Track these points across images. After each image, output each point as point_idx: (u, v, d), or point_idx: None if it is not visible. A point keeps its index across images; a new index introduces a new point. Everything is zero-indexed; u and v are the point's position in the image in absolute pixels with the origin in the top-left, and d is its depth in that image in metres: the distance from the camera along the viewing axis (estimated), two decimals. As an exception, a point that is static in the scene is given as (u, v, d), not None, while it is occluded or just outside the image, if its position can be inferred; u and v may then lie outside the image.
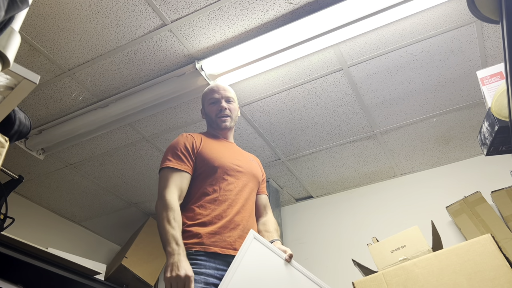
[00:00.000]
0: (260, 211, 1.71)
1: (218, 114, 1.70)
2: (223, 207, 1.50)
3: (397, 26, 1.95)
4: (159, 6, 1.81)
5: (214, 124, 1.72)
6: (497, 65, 1.39)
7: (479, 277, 1.38)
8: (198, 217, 1.47)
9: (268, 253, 1.42)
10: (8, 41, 0.81)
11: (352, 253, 2.56)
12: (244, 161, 1.68)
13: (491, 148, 1.29)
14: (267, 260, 1.41)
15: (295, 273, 1.45)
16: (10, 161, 2.66)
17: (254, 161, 1.76)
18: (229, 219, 1.48)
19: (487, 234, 1.46)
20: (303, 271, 1.47)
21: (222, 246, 1.42)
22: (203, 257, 1.38)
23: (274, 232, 1.62)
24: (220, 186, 1.54)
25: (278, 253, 1.44)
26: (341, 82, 2.24)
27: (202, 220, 1.46)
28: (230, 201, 1.52)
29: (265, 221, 1.67)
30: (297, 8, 1.85)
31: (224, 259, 1.41)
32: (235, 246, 1.44)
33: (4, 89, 0.92)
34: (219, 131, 1.72)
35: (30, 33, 1.88)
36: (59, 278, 2.07)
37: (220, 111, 1.69)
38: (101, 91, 2.23)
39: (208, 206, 1.50)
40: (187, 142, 1.59)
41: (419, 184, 2.85)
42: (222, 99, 1.72)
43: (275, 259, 1.43)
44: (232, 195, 1.54)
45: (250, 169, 1.67)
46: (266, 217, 1.69)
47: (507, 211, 2.26)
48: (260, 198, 1.73)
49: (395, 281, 1.55)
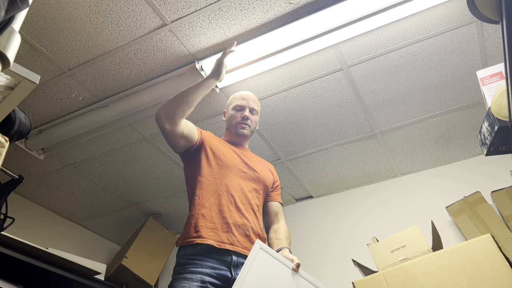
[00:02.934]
0: (271, 219, 1.72)
1: (239, 121, 1.75)
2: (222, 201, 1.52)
3: (397, 26, 1.95)
4: (159, 6, 1.81)
5: (232, 128, 1.78)
6: (497, 65, 1.40)
7: (479, 277, 1.38)
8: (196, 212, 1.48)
9: (275, 263, 1.41)
10: (8, 41, 0.81)
11: (352, 253, 2.56)
12: (252, 165, 1.72)
13: (491, 148, 1.29)
14: (273, 270, 1.40)
15: (302, 283, 1.44)
16: (10, 161, 2.66)
17: (265, 166, 1.79)
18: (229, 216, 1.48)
19: (487, 234, 1.46)
20: (311, 280, 1.46)
21: (219, 240, 1.43)
22: (200, 256, 1.39)
23: (284, 240, 1.62)
24: (222, 183, 1.56)
25: (285, 262, 1.43)
26: (341, 82, 2.24)
27: (202, 212, 1.47)
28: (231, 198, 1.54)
29: (276, 229, 1.68)
30: (297, 8, 1.85)
31: (221, 257, 1.41)
32: (232, 241, 1.44)
33: (4, 89, 0.92)
34: (236, 136, 1.75)
35: (30, 33, 1.88)
36: (59, 278, 2.07)
37: (242, 119, 1.75)
38: (101, 91, 2.23)
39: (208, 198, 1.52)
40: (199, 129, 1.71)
41: (419, 184, 2.85)
42: (247, 108, 1.78)
43: (282, 269, 1.41)
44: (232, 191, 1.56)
45: (258, 172, 1.71)
46: (277, 224, 1.70)
47: (507, 211, 2.26)
48: (272, 205, 1.75)
49: (395, 281, 1.55)
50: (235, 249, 1.44)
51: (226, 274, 1.40)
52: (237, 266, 1.43)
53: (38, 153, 2.56)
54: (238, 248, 1.45)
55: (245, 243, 1.49)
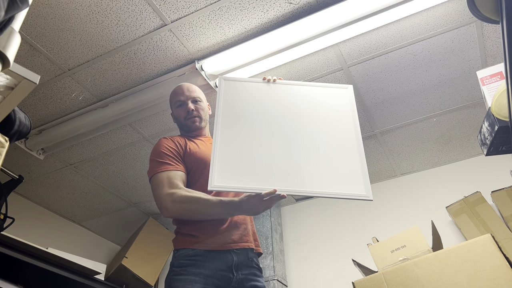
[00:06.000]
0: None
1: (186, 117, 1.62)
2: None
3: (397, 26, 1.95)
4: (159, 6, 1.81)
5: (185, 127, 1.64)
6: (497, 65, 1.39)
7: (479, 277, 1.38)
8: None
9: (245, 85, 1.40)
10: (8, 41, 0.81)
11: (352, 253, 2.56)
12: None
13: (491, 148, 1.28)
14: (246, 91, 1.39)
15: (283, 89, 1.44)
16: (10, 161, 2.66)
17: None
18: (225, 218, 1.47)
19: (487, 234, 1.46)
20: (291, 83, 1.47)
21: (221, 243, 1.42)
22: (202, 257, 1.38)
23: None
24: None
25: (257, 80, 1.44)
26: (341, 82, 2.24)
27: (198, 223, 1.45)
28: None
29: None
30: (297, 8, 1.85)
31: (224, 258, 1.40)
32: (234, 239, 1.43)
33: (4, 89, 0.92)
34: (191, 132, 1.65)
35: (30, 33, 1.88)
36: (59, 278, 2.07)
37: (187, 114, 1.61)
38: (101, 91, 2.23)
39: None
40: (174, 147, 1.51)
41: (419, 184, 2.85)
42: (188, 101, 1.63)
43: (255, 86, 1.41)
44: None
45: None
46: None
47: (507, 211, 2.26)
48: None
49: (395, 281, 1.55)
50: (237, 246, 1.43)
51: (228, 275, 1.40)
52: (238, 266, 1.42)
53: (38, 153, 2.56)
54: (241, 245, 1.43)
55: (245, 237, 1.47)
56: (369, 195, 1.24)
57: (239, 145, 1.32)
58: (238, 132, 1.34)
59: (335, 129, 1.38)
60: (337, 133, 1.37)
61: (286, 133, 1.36)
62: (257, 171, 1.26)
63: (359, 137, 1.40)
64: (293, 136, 1.36)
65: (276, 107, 1.42)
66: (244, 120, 1.37)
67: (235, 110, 1.38)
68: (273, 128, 1.37)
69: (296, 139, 1.35)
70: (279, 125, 1.38)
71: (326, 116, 1.41)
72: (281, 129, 1.37)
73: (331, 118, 1.41)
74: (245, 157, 1.29)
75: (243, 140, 1.33)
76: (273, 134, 1.36)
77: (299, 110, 1.42)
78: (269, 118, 1.39)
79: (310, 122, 1.40)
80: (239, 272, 1.40)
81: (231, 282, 1.38)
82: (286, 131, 1.37)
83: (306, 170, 1.27)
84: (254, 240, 1.51)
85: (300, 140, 1.35)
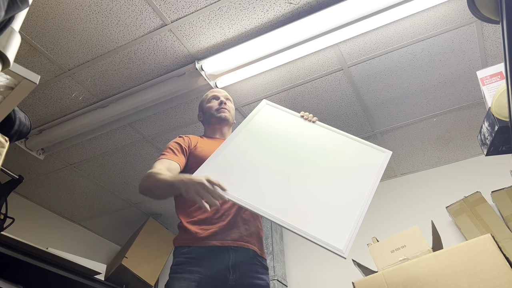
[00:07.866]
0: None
1: (218, 108, 1.72)
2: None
3: (397, 26, 1.95)
4: (159, 6, 1.81)
5: (213, 118, 1.70)
6: (497, 65, 1.39)
7: (479, 277, 1.38)
8: (194, 214, 1.47)
9: (282, 114, 1.38)
10: (8, 41, 0.81)
11: (352, 253, 2.55)
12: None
13: (491, 148, 1.28)
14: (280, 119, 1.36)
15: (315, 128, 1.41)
16: (10, 161, 2.66)
17: None
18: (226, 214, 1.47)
19: (487, 234, 1.46)
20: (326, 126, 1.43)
21: (218, 239, 1.41)
22: (198, 255, 1.38)
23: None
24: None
25: (294, 113, 1.42)
26: (341, 82, 2.24)
27: (199, 217, 1.46)
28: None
29: None
30: (297, 8, 1.85)
31: (220, 256, 1.39)
32: (233, 237, 1.43)
33: (4, 89, 0.92)
34: (217, 125, 1.70)
35: (30, 33, 1.88)
36: (59, 278, 2.07)
37: (220, 104, 1.72)
38: (101, 91, 2.23)
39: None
40: (180, 141, 1.61)
41: (419, 184, 2.85)
42: (223, 98, 1.76)
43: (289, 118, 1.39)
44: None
45: None
46: None
47: (507, 211, 2.26)
48: None
49: (395, 281, 1.55)
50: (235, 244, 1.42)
51: (224, 272, 1.39)
52: (236, 264, 1.41)
53: (38, 153, 2.56)
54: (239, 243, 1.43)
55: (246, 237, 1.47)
56: (345, 252, 1.21)
57: (242, 157, 1.32)
58: (251, 147, 1.33)
59: (350, 184, 1.33)
60: (350, 187, 1.33)
61: (297, 168, 1.33)
62: (243, 183, 1.24)
63: (368, 201, 1.34)
64: (303, 173, 1.32)
65: (302, 143, 1.39)
66: (264, 141, 1.35)
67: (261, 129, 1.35)
68: (287, 159, 1.35)
69: (304, 176, 1.31)
70: (295, 159, 1.36)
71: (349, 170, 1.37)
72: (295, 163, 1.34)
73: (352, 173, 1.36)
74: (242, 168, 1.29)
75: (249, 155, 1.33)
76: (284, 164, 1.33)
77: (323, 153, 1.39)
78: (288, 149, 1.37)
79: (329, 167, 1.36)
80: (237, 270, 1.39)
81: (227, 280, 1.37)
82: (298, 166, 1.34)
83: (299, 204, 1.23)
84: (258, 243, 1.50)
85: (309, 179, 1.31)
